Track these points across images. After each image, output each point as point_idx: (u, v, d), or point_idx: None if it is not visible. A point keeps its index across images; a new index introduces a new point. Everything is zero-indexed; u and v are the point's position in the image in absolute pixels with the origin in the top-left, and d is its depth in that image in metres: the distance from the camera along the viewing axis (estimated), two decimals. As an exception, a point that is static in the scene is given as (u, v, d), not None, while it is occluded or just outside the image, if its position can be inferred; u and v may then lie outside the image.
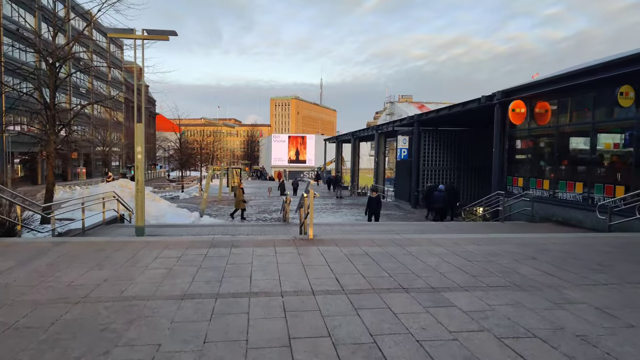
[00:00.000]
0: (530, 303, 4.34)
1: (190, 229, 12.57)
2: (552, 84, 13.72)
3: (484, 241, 7.66)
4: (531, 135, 15.35)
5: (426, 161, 24.63)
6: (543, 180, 14.51)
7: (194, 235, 10.73)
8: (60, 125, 13.09)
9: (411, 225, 13.77)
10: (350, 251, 6.58)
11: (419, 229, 12.40)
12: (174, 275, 5.22)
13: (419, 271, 5.51)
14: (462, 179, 25.16)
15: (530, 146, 15.41)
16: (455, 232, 11.48)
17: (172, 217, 16.94)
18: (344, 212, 22.80)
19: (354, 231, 11.74)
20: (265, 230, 11.90)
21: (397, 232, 11.48)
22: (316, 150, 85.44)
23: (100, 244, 6.90)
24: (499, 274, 5.42)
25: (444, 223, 14.38)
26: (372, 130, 32.57)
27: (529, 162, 15.40)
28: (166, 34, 9.70)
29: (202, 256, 6.18)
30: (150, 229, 12.09)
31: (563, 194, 13.50)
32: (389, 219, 20.46)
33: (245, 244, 6.98)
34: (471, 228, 12.51)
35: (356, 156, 39.81)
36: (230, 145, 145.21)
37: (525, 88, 15.04)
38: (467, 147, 25.19)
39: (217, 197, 29.38)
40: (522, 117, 15.07)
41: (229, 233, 11.34)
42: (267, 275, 5.21)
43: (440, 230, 12.29)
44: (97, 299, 4.35)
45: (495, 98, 16.28)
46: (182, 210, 18.82)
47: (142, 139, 9.90)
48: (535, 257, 6.36)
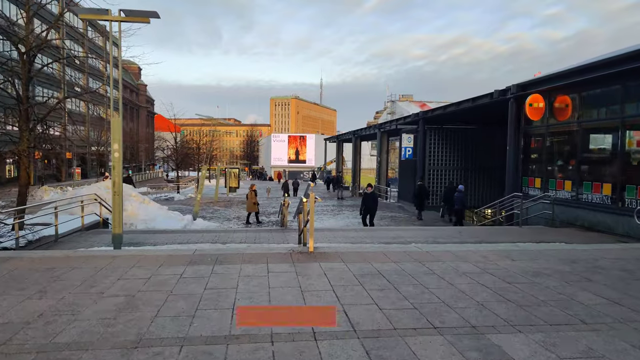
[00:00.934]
0: (614, 354, 3.15)
1: (179, 235, 11.38)
2: (575, 76, 12.51)
3: (518, 255, 6.46)
4: (550, 132, 14.13)
5: (432, 161, 23.42)
6: (564, 181, 13.31)
7: (178, 244, 9.53)
8: (34, 121, 11.91)
9: (421, 230, 12.58)
10: (359, 269, 5.38)
11: (431, 235, 11.20)
12: (134, 306, 4.02)
13: (449, 299, 4.31)
14: (469, 180, 23.94)
15: (549, 144, 14.20)
16: (472, 239, 10.30)
17: (162, 220, 15.73)
18: (346, 215, 21.58)
19: (359, 238, 10.54)
20: (261, 237, 10.72)
21: (408, 239, 10.29)
22: (316, 150, 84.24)
23: (55, 260, 5.70)
24: (553, 304, 4.22)
25: (457, 228, 13.18)
26: (374, 128, 31.38)
27: (547, 162, 14.18)
28: (146, 16, 8.52)
29: (177, 277, 4.98)
30: (132, 236, 10.89)
31: (588, 196, 12.29)
32: (394, 221, 19.25)
33: (232, 260, 5.78)
34: (489, 234, 11.33)
35: (357, 155, 38.59)
36: (229, 145, 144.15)
37: (544, 81, 13.83)
38: (475, 146, 23.97)
39: (214, 199, 28.17)
40: (540, 112, 13.87)
41: (220, 241, 10.15)
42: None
43: (453, 237, 11.09)
44: (19, 348, 3.15)
45: (509, 92, 15.07)
46: (174, 214, 17.61)
47: (119, 135, 8.72)
48: (589, 277, 5.16)
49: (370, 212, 14.80)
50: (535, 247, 7.83)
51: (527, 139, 15.26)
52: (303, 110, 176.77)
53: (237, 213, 21.92)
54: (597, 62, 11.83)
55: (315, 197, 6.68)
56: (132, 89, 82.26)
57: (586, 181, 12.42)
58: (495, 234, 11.70)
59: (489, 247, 7.42)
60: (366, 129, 34.69)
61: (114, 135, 8.81)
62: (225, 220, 19.64)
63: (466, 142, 23.79)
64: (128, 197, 15.95)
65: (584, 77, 12.19)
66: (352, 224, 18.41)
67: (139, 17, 8.52)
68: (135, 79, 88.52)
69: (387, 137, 31.84)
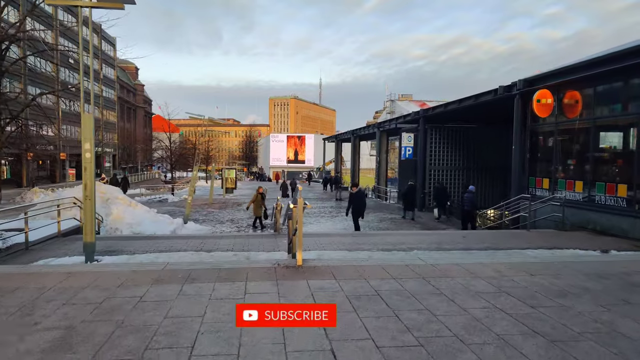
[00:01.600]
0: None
1: (162, 241, 10.56)
2: (587, 69, 11.70)
3: (537, 268, 5.63)
4: (559, 130, 13.32)
5: (433, 160, 22.61)
6: (575, 181, 12.50)
7: (159, 252, 8.72)
8: (7, 118, 11.09)
9: (424, 235, 11.74)
10: (353, 289, 4.56)
11: (435, 240, 10.38)
12: (69, 345, 3.21)
13: (462, 331, 3.50)
14: (472, 180, 23.11)
15: (558, 142, 13.39)
16: (479, 244, 9.48)
17: (150, 225, 14.91)
18: (344, 217, 20.68)
19: (356, 245, 9.73)
20: (250, 244, 9.90)
21: (410, 245, 9.48)
22: (315, 150, 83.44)
23: (0, 277, 4.88)
24: (592, 337, 3.40)
25: (461, 233, 12.35)
26: (373, 128, 30.59)
27: (556, 161, 13.37)
28: (120, 1, 7.71)
29: (135, 301, 4.16)
30: (111, 242, 10.07)
31: (601, 198, 11.49)
32: (394, 223, 18.45)
33: (206, 277, 4.96)
34: (496, 239, 10.51)
35: (356, 155, 37.80)
36: (228, 145, 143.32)
37: (553, 75, 13.02)
38: (477, 145, 23.18)
39: (208, 201, 27.34)
40: (549, 108, 13.06)
41: (205, 248, 9.33)
42: (220, 347, 3.19)
43: (458, 243, 10.28)
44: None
45: (515, 88, 14.26)
46: (163, 217, 16.78)
47: (90, 134, 7.90)
48: (626, 299, 4.34)
49: (358, 213, 13.77)
50: (552, 256, 7.03)
51: (534, 138, 14.45)
52: (302, 110, 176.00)
53: (231, 215, 21.12)
54: (612, 53, 11.03)
55: (305, 202, 5.87)
56: (129, 89, 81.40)
57: (599, 182, 11.62)
58: (503, 238, 10.89)
59: (501, 258, 6.61)
60: (365, 128, 33.90)
61: (84, 133, 8.00)
62: (218, 223, 18.83)
63: (468, 141, 23.00)
64: (114, 200, 15.14)
65: (596, 70, 11.38)
66: (350, 227, 17.59)
67: (112, 3, 7.72)
68: (133, 78, 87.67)
69: (386, 136, 31.05)
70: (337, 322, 3.59)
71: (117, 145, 66.30)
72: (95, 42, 58.41)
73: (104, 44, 61.46)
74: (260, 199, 15.55)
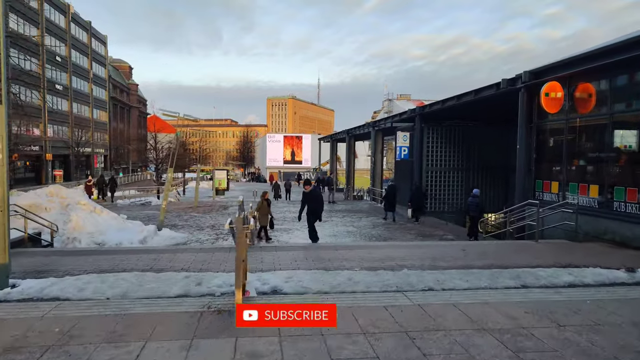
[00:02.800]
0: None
1: (111, 257, 9.05)
2: (603, 58, 10.21)
3: (563, 312, 4.15)
4: (570, 127, 11.85)
5: (429, 161, 21.15)
6: (589, 185, 11.02)
7: (96, 273, 7.21)
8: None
9: (416, 248, 10.20)
10: (298, 357, 3.06)
11: (429, 255, 8.86)
12: None
13: None
14: (471, 181, 21.67)
15: (569, 141, 11.91)
16: (480, 261, 7.97)
17: (115, 233, 13.38)
18: (335, 222, 19.27)
19: (336, 261, 8.25)
20: (212, 261, 8.41)
21: (399, 262, 7.98)
22: (312, 151, 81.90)
23: None
24: None
25: (460, 245, 10.80)
26: (368, 127, 29.12)
27: (567, 162, 11.89)
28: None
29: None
30: (50, 260, 8.56)
31: (620, 204, 10.01)
32: (387, 229, 16.99)
33: (92, 334, 3.45)
34: (500, 254, 9.02)
35: (351, 156, 36.32)
36: (225, 146, 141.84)
37: (564, 65, 11.54)
38: (477, 145, 21.73)
39: (193, 204, 25.82)
40: (559, 103, 11.58)
41: (156, 267, 7.84)
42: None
43: (456, 259, 8.79)
44: None
45: (520, 81, 12.79)
46: (133, 224, 15.26)
47: (2, 130, 6.42)
48: None
49: (314, 214, 11.52)
50: (582, 292, 5.57)
51: (541, 136, 12.99)
52: (300, 110, 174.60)
53: (213, 220, 19.61)
54: (633, 38, 9.55)
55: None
56: (122, 88, 79.80)
57: (619, 186, 10.14)
58: (508, 252, 9.40)
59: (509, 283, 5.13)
60: (360, 127, 32.41)
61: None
62: (197, 229, 17.34)
63: (467, 140, 21.55)
64: (75, 206, 13.65)
65: (615, 58, 9.89)
66: (339, 233, 16.12)
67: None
68: (127, 78, 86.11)
69: (381, 136, 29.56)
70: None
71: (110, 146, 64.64)
72: (84, 39, 56.87)
73: (94, 41, 59.89)
74: (266, 206, 13.24)
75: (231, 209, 24.95)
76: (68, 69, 51.48)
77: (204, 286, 6.38)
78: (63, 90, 50.27)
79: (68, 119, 50.65)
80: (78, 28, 54.87)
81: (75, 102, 53.41)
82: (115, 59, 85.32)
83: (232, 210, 23.95)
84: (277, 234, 15.34)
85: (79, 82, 55.03)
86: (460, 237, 15.30)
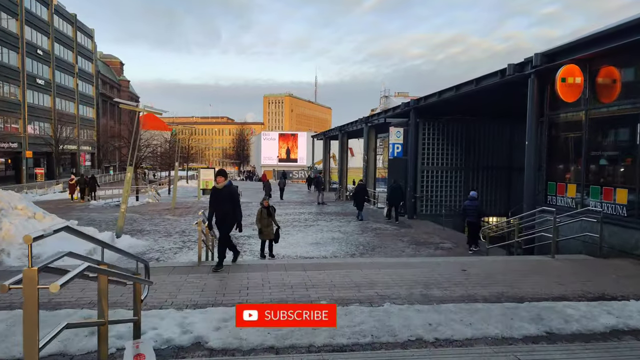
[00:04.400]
0: None
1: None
2: (634, 33, 8.33)
3: None
4: (592, 120, 9.97)
5: (425, 159, 19.29)
6: (615, 188, 9.16)
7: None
8: None
9: (405, 268, 8.20)
10: None
11: (422, 277, 6.96)
12: None
13: None
14: (471, 182, 19.83)
15: (590, 136, 10.04)
16: (486, 289, 6.06)
17: (55, 244, 11.46)
18: (320, 227, 17.40)
19: (302, 288, 6.37)
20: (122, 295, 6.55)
21: (380, 291, 6.05)
22: (308, 149, 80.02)
23: None
24: None
25: (460, 262, 8.79)
26: (360, 123, 27.23)
27: (587, 161, 10.02)
28: None
29: None
30: None
31: (656, 213, 8.15)
32: (378, 236, 15.15)
33: None
34: (512, 277, 7.12)
35: (344, 154, 34.44)
36: (221, 144, 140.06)
37: (584, 45, 9.62)
38: (477, 142, 19.89)
39: (171, 205, 23.93)
40: (578, 90, 9.70)
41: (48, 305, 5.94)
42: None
43: (456, 283, 6.93)
44: None
45: (530, 65, 10.91)
46: (85, 230, 13.36)
47: None
48: None
49: (224, 224, 7.91)
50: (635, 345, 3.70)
51: (554, 130, 11.14)
52: (297, 108, 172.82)
53: (186, 225, 17.69)
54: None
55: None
56: (112, 84, 77.66)
57: (655, 190, 8.28)
58: (520, 274, 7.52)
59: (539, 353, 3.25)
60: (352, 124, 30.50)
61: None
62: (164, 236, 15.46)
63: (467, 137, 19.69)
64: (9, 212, 11.70)
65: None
66: (324, 241, 14.25)
67: None
68: (117, 74, 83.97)
69: (375, 132, 27.68)
70: None
71: (98, 144, 62.49)
72: (69, 32, 54.73)
73: (80, 35, 57.75)
74: (266, 215, 10.38)
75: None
76: (51, 62, 49.41)
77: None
78: (45, 85, 48.22)
79: (50, 114, 48.53)
80: (62, 21, 52.75)
81: (59, 98, 51.35)
82: (106, 55, 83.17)
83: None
84: (246, 243, 13.45)
85: (63, 77, 52.94)
86: (459, 245, 13.46)
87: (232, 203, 7.78)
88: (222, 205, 7.74)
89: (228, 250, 7.96)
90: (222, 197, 7.72)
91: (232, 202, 7.78)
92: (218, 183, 7.77)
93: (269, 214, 10.46)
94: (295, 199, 31.47)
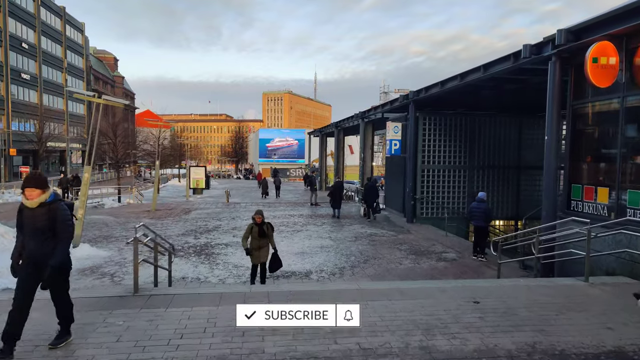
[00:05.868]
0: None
1: None
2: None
3: None
4: (629, 109, 8.17)
5: (426, 157, 17.49)
6: (662, 194, 7.37)
7: None
8: None
9: (398, 298, 6.39)
10: None
11: (421, 318, 5.22)
12: None
13: None
14: (476, 182, 18.04)
15: (627, 129, 8.24)
16: (507, 334, 4.28)
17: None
18: (309, 233, 15.61)
19: (249, 342, 4.62)
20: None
21: (359, 342, 4.23)
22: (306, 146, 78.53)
23: None
24: None
25: (469, 290, 6.99)
26: (356, 118, 25.46)
27: (623, 159, 8.23)
28: None
29: None
30: None
31: None
32: (370, 243, 13.42)
33: None
34: (541, 315, 5.35)
35: (340, 151, 32.67)
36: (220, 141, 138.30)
37: (619, 17, 7.80)
38: (485, 138, 18.07)
39: (151, 208, 22.16)
40: (612, 73, 7.88)
41: None
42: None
43: (467, 326, 5.18)
44: None
45: (550, 46, 9.11)
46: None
47: None
48: None
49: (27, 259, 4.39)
50: None
51: (579, 123, 9.36)
52: (297, 105, 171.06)
53: (162, 230, 15.83)
54: None
55: None
56: (105, 80, 75.80)
57: None
58: (551, 309, 5.73)
59: None
60: (348, 119, 28.71)
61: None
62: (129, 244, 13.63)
63: (472, 133, 17.87)
64: None
65: None
66: (311, 250, 12.47)
67: None
68: (111, 70, 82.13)
69: (372, 128, 25.90)
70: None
71: (89, 142, 60.76)
72: (57, 26, 52.86)
73: (69, 28, 55.87)
74: (256, 235, 7.95)
75: (194, 213, 21.28)
76: (37, 56, 47.60)
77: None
78: (31, 80, 46.42)
79: (37, 111, 46.71)
80: (49, 13, 50.89)
81: (46, 94, 49.54)
82: (99, 50, 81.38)
83: (195, 215, 20.30)
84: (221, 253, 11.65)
85: (51, 72, 51.10)
86: (464, 255, 11.73)
87: (53, 234, 4.25)
88: (34, 238, 4.24)
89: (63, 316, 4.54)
90: (36, 225, 4.22)
91: (53, 233, 4.25)
92: (28, 198, 4.18)
93: (264, 234, 8.01)
94: (289, 199, 29.71)
